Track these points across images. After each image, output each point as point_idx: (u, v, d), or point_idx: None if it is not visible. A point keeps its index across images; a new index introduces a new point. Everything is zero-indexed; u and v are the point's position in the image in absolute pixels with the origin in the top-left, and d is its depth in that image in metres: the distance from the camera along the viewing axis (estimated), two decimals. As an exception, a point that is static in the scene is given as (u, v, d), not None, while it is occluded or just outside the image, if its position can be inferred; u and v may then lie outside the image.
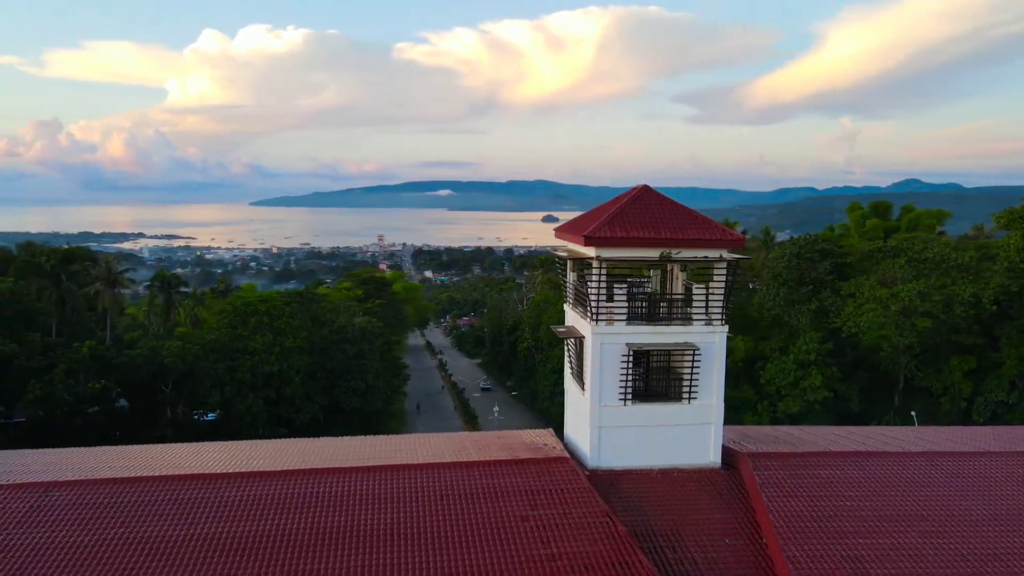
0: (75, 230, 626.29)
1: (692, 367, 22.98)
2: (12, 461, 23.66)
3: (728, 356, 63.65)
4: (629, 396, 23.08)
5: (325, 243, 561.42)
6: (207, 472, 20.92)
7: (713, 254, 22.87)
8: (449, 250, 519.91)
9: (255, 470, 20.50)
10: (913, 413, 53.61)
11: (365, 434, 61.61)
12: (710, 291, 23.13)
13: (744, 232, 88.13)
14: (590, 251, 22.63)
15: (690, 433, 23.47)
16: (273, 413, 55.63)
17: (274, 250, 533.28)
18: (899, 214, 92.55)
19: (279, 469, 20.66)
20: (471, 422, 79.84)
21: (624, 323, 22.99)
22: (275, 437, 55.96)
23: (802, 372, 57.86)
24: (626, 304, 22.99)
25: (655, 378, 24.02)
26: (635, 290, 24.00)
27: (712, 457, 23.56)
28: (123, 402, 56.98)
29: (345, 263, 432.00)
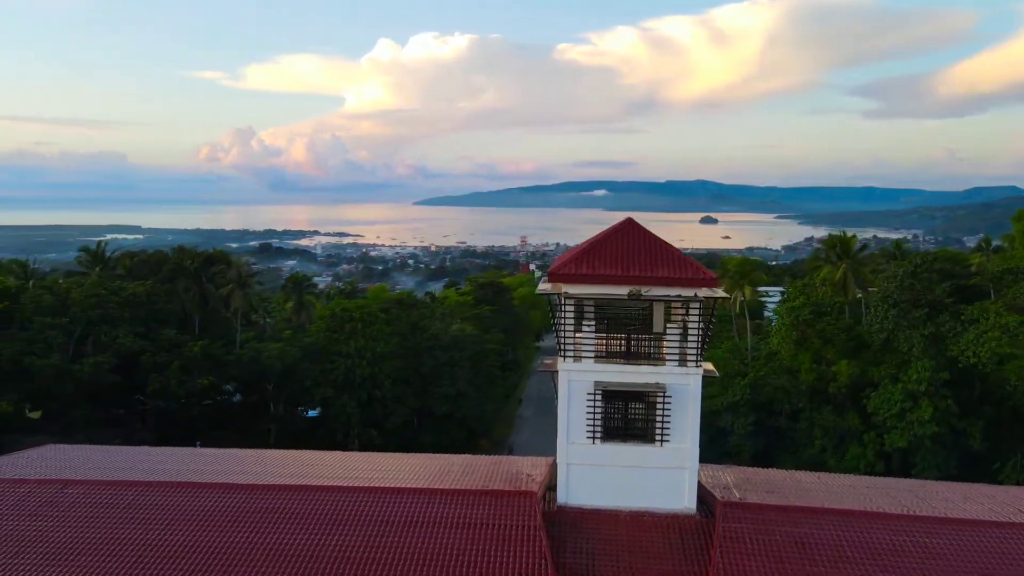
0: (261, 228, 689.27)
1: (663, 409, 22.25)
2: (66, 455, 27.30)
3: (831, 381, 59.25)
4: (598, 434, 22.74)
5: (480, 242, 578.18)
6: (193, 481, 23.11)
7: (687, 293, 21.97)
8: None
9: (201, 481, 22.39)
10: (1030, 459, 47.36)
11: (460, 439, 63.73)
12: (685, 331, 22.27)
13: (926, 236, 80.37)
14: (558, 286, 22.54)
15: (663, 477, 22.71)
16: (366, 414, 58.93)
17: (432, 248, 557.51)
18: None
19: (231, 482, 22.44)
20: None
21: (593, 360, 22.70)
22: (367, 437, 59.57)
23: (910, 403, 52.76)
24: (595, 341, 22.68)
25: (636, 417, 23.45)
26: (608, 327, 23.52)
27: (686, 503, 22.65)
28: (238, 396, 62.84)
29: (497, 262, 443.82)
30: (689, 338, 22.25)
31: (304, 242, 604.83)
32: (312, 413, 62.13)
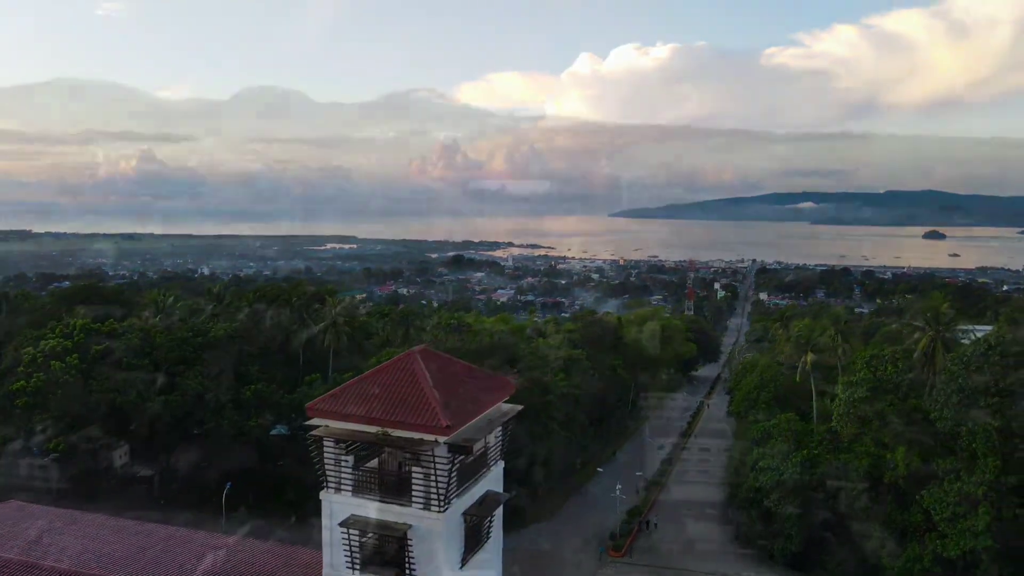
0: (460, 239, 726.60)
1: (406, 549, 22.32)
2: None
3: (891, 470, 52.67)
4: (356, 565, 23.25)
5: (672, 256, 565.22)
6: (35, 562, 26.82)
7: (428, 438, 21.91)
8: (798, 268, 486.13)
9: None
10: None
11: (542, 480, 64.14)
12: (428, 475, 22.15)
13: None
14: (321, 419, 23.42)
15: (417, 617, 22.69)
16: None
17: (621, 262, 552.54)
18: None
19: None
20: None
21: (351, 493, 23.26)
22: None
23: (964, 508, 45.44)
24: (352, 474, 23.21)
25: (402, 553, 23.55)
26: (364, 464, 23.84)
27: (435, 647, 22.46)
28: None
29: (680, 278, 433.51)
30: (432, 482, 22.12)
31: (498, 253, 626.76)
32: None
